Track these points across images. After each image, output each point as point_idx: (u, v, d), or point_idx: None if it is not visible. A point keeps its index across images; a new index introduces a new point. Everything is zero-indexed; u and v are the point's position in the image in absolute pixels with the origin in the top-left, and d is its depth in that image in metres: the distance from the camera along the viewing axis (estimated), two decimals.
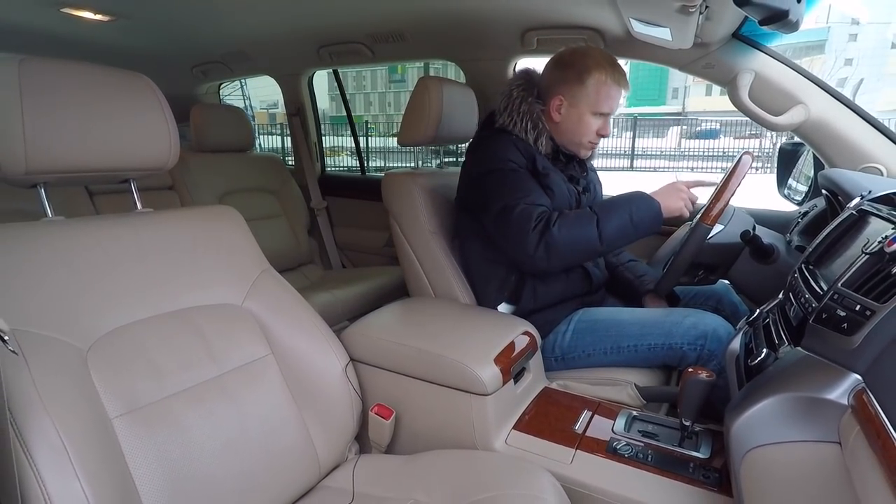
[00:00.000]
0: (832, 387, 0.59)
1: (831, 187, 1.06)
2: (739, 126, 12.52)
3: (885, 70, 24.32)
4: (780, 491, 0.65)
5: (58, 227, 0.80)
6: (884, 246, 0.61)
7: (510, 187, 1.15)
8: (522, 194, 1.13)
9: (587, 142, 1.26)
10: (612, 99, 1.21)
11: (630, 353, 1.16)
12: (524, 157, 1.20)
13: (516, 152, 1.20)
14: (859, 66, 23.81)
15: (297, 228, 2.22)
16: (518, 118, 1.23)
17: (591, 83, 1.19)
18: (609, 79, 1.19)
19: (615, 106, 1.23)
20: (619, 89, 1.22)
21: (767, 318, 0.87)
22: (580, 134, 1.24)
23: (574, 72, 1.21)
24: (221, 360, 0.86)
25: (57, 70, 0.78)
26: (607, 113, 1.23)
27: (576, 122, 1.23)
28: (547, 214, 1.11)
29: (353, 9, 1.61)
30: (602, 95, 1.20)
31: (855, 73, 22.97)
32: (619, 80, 1.21)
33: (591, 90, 1.20)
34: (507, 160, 1.18)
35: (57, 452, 0.61)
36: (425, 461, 0.92)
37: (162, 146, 0.88)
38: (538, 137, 1.23)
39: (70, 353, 0.71)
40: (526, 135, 1.23)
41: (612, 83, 1.20)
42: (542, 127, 1.24)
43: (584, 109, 1.22)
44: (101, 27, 1.81)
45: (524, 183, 1.16)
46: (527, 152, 1.22)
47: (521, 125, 1.23)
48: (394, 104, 26.89)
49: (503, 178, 1.17)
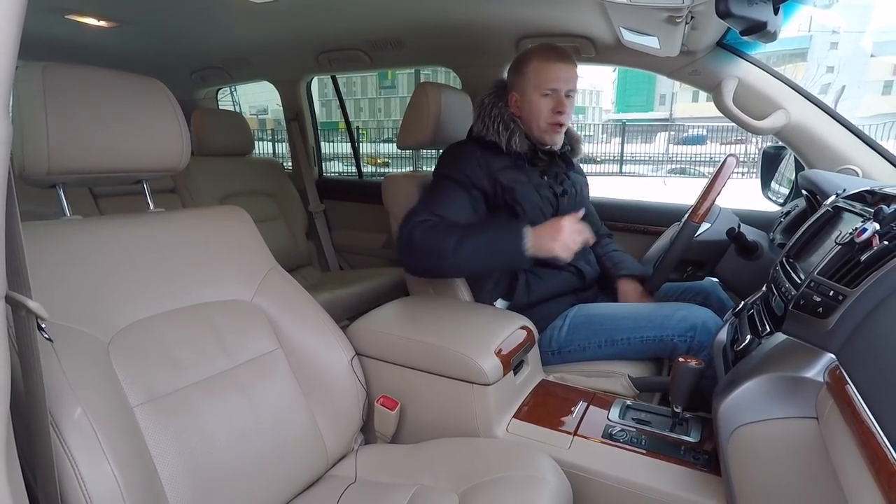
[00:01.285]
0: (809, 366, 0.65)
1: (810, 187, 1.13)
2: (726, 132, 12.74)
3: (866, 77, 24.87)
4: (764, 465, 0.71)
5: (78, 225, 0.83)
6: (854, 237, 0.67)
7: (431, 194, 1.25)
8: (433, 204, 1.21)
9: (545, 124, 1.29)
10: (552, 75, 1.26)
11: (624, 346, 1.21)
12: (484, 172, 1.26)
13: (473, 167, 1.26)
14: (840, 73, 24.33)
15: (296, 231, 2.25)
16: (490, 122, 1.30)
17: (529, 69, 1.28)
18: (544, 60, 1.26)
19: (561, 82, 1.26)
20: (557, 65, 1.26)
21: (752, 308, 0.93)
22: (535, 117, 1.29)
23: (517, 67, 1.31)
24: (234, 354, 0.89)
25: (77, 75, 0.81)
26: (554, 89, 1.27)
27: (529, 109, 1.29)
28: (429, 221, 1.17)
29: (353, 17, 1.65)
30: (542, 76, 1.26)
31: (836, 81, 23.43)
32: (556, 58, 1.26)
33: (531, 74, 1.28)
34: (449, 175, 1.26)
35: (87, 436, 0.64)
36: (430, 448, 0.96)
37: (174, 148, 0.92)
38: (511, 136, 1.28)
39: (93, 345, 0.74)
40: (499, 137, 1.28)
41: (548, 62, 1.26)
42: (515, 126, 1.30)
43: (531, 94, 1.28)
44: (104, 33, 1.84)
45: (444, 196, 1.23)
46: (489, 167, 1.26)
47: (493, 128, 1.29)
48: (384, 110, 26.97)
49: (434, 186, 1.28)
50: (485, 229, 1.16)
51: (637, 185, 10.24)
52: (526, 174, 1.31)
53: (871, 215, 0.68)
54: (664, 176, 12.23)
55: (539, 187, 1.31)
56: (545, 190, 1.32)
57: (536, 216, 1.28)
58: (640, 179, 12.09)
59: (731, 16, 0.73)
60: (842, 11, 23.73)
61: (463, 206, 1.23)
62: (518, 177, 1.29)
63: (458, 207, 1.22)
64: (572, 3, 1.29)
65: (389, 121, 23.29)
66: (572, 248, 1.10)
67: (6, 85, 0.39)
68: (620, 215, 1.84)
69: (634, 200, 1.90)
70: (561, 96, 1.27)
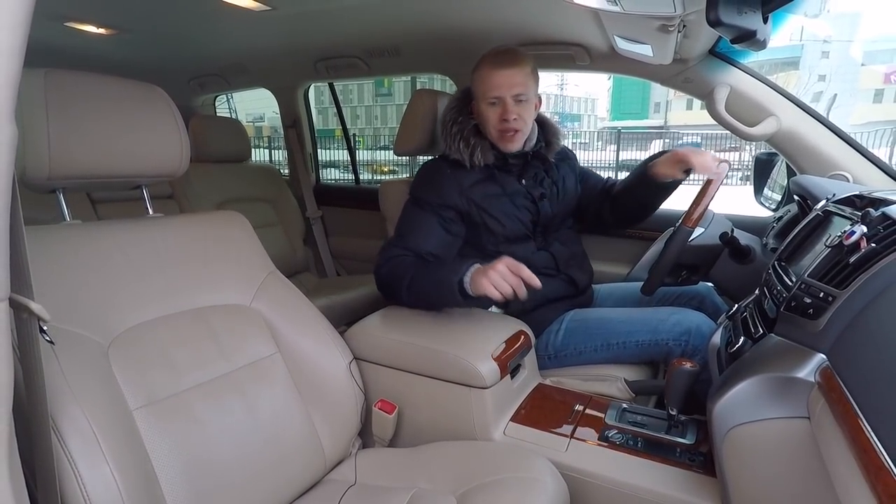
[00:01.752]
0: (801, 366, 0.66)
1: (801, 192, 1.15)
2: (720, 139, 12.84)
3: (857, 86, 25.19)
4: (758, 465, 0.72)
5: (78, 229, 0.84)
6: (842, 239, 0.68)
7: (403, 221, 1.28)
8: (404, 236, 1.23)
9: (494, 131, 1.26)
10: (494, 82, 1.22)
11: (619, 350, 1.22)
12: (457, 191, 1.25)
13: (445, 186, 1.25)
14: (832, 81, 24.65)
15: (293, 237, 2.26)
16: (451, 140, 1.29)
17: (477, 78, 1.27)
18: (488, 68, 1.24)
19: (504, 89, 1.22)
20: (498, 72, 1.22)
21: (745, 311, 0.94)
22: (485, 126, 1.28)
23: (472, 75, 1.30)
24: (232, 358, 0.90)
25: (79, 81, 0.82)
26: (498, 97, 1.23)
27: (481, 119, 1.28)
28: (396, 259, 1.19)
29: (351, 25, 1.67)
30: (485, 84, 1.24)
31: (828, 89, 23.74)
32: (498, 65, 1.22)
33: (479, 83, 1.26)
34: (420, 198, 1.27)
35: (87, 439, 0.65)
36: (428, 451, 0.97)
37: (174, 153, 0.92)
38: (473, 152, 1.26)
39: (93, 348, 0.75)
40: (461, 154, 1.27)
41: (490, 70, 1.23)
42: (476, 140, 1.27)
43: (480, 103, 1.27)
44: (102, 40, 1.85)
45: (414, 224, 1.25)
46: (461, 185, 1.25)
47: (455, 146, 1.28)
48: (381, 117, 27.08)
49: (406, 211, 1.29)
50: (432, 272, 1.13)
51: None
52: (499, 185, 1.29)
53: (858, 218, 0.70)
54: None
55: (514, 196, 1.29)
56: (521, 198, 1.30)
57: (516, 227, 1.28)
58: None
59: (721, 24, 0.75)
60: (831, 21, 24.10)
61: (433, 232, 1.23)
62: (490, 190, 1.27)
63: (429, 233, 1.23)
64: (567, 12, 1.31)
65: (386, 128, 23.39)
66: (503, 287, 1.01)
67: (12, 88, 0.40)
68: None
69: None
70: (507, 104, 1.23)
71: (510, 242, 1.29)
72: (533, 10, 1.37)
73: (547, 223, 1.34)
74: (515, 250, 1.28)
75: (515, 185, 1.31)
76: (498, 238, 1.28)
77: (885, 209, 0.71)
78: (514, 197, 1.30)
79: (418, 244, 1.22)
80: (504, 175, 1.31)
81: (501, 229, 1.27)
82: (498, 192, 1.29)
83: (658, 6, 0.94)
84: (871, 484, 0.45)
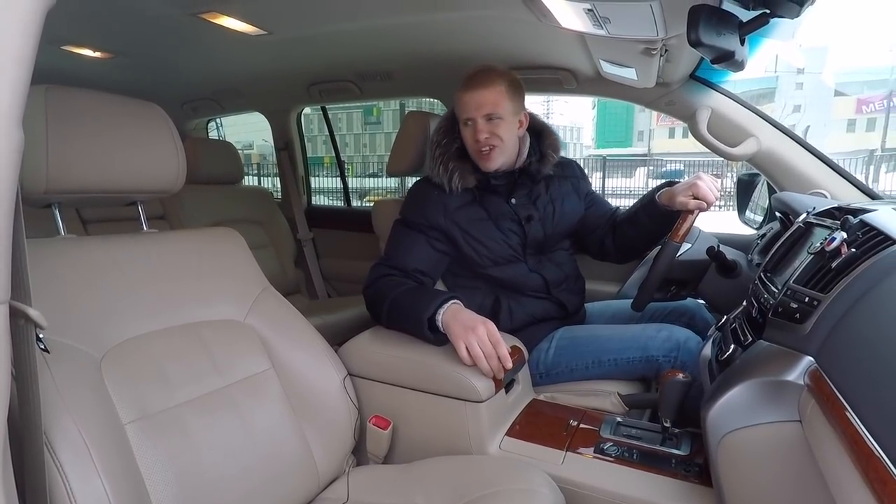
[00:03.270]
0: (790, 369, 0.67)
1: (783, 207, 1.19)
2: (702, 167, 13.16)
3: (831, 116, 26.16)
4: (753, 470, 0.72)
5: (74, 243, 0.84)
6: (824, 246, 0.71)
7: (391, 241, 1.29)
8: (392, 255, 1.24)
9: (471, 151, 1.28)
10: (464, 103, 1.25)
11: (610, 367, 1.22)
12: (442, 213, 1.25)
13: (431, 208, 1.26)
14: (806, 112, 25.55)
15: (284, 259, 2.26)
16: (434, 164, 1.29)
17: (456, 101, 1.29)
18: (462, 90, 1.26)
19: (473, 110, 1.23)
20: (468, 94, 1.24)
21: (734, 322, 0.96)
22: (467, 145, 1.29)
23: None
24: (226, 373, 0.89)
25: (79, 98, 0.84)
26: (470, 118, 1.24)
27: (463, 140, 1.30)
28: (382, 279, 1.19)
29: (344, 49, 1.72)
30: (460, 106, 1.27)
31: (802, 120, 24.61)
32: (468, 87, 1.24)
33: (457, 106, 1.29)
34: (407, 218, 1.29)
35: (79, 451, 0.64)
36: (423, 467, 0.96)
37: (171, 170, 0.94)
38: (451, 177, 1.26)
39: (86, 361, 0.74)
40: (440, 179, 1.27)
41: (463, 92, 1.25)
42: (455, 164, 1.27)
43: (460, 125, 1.29)
44: (97, 63, 1.88)
45: (401, 243, 1.26)
46: (447, 208, 1.26)
47: (436, 170, 1.28)
48: (369, 145, 27.37)
49: (395, 230, 1.31)
50: (409, 299, 1.11)
51: None
52: (483, 208, 1.28)
53: (838, 226, 0.73)
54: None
55: (499, 219, 1.28)
56: (506, 221, 1.28)
57: (502, 251, 1.27)
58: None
59: (702, 45, 0.79)
60: (802, 53, 25.15)
61: (420, 249, 1.24)
62: (473, 214, 1.27)
63: (416, 250, 1.24)
64: (555, 37, 1.36)
65: (375, 155, 23.64)
66: (477, 355, 0.98)
67: (21, 95, 0.42)
68: None
69: None
70: (477, 124, 1.23)
71: (497, 265, 1.29)
72: (521, 35, 1.43)
73: (539, 245, 1.33)
74: (505, 272, 1.29)
75: (502, 207, 1.30)
76: (484, 261, 1.28)
77: (863, 216, 0.74)
78: (498, 220, 1.28)
79: (405, 262, 1.22)
80: (490, 196, 1.30)
81: (487, 253, 1.27)
82: (482, 216, 1.28)
83: (641, 30, 0.99)
84: (864, 474, 0.46)
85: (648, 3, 0.83)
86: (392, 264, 1.22)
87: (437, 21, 1.39)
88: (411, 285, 1.18)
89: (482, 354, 0.98)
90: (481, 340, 0.99)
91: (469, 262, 1.29)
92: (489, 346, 0.99)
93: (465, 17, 1.35)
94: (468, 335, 0.99)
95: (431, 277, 1.27)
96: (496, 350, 0.99)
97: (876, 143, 20.38)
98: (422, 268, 1.23)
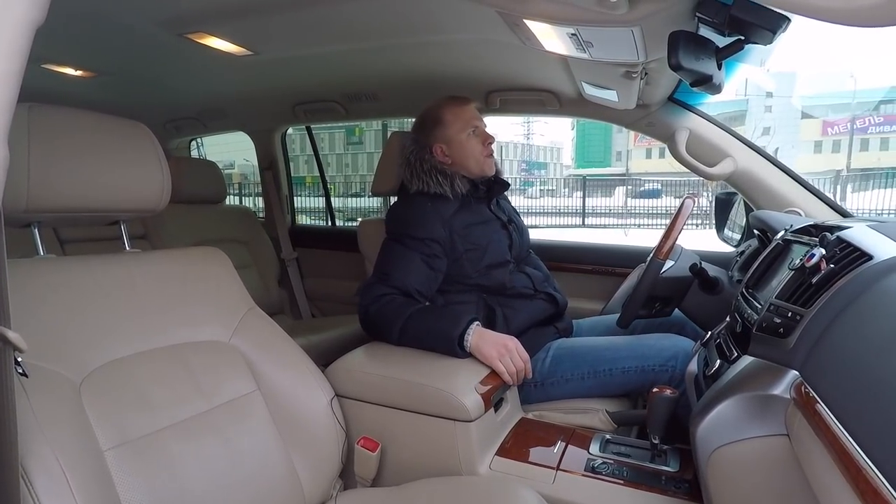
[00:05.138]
0: (776, 383, 0.68)
1: (761, 225, 1.22)
2: (679, 186, 13.52)
3: (798, 137, 27.19)
4: (742, 485, 0.73)
5: (52, 264, 0.82)
6: (804, 262, 0.73)
7: (385, 259, 1.29)
8: (388, 274, 1.25)
9: (480, 157, 1.38)
10: (469, 115, 1.39)
11: (606, 378, 1.23)
12: (440, 222, 1.29)
13: (429, 219, 1.29)
14: (776, 134, 26.52)
15: (268, 279, 2.23)
16: (426, 177, 1.35)
17: (447, 118, 1.38)
18: (456, 106, 1.39)
19: (477, 119, 1.39)
20: (468, 108, 1.40)
21: (718, 338, 0.98)
22: (470, 155, 1.38)
23: (434, 121, 1.40)
24: (210, 396, 0.87)
25: (62, 116, 0.83)
26: (476, 126, 1.38)
27: (461, 152, 1.38)
28: (384, 298, 1.20)
29: (330, 70, 1.74)
30: (462, 118, 1.38)
31: (772, 141, 25.54)
32: (464, 102, 1.41)
33: (451, 121, 1.38)
34: (404, 233, 1.29)
35: (56, 479, 0.61)
36: (413, 490, 0.94)
37: (155, 189, 0.93)
38: (452, 182, 1.34)
39: (65, 385, 0.72)
40: (441, 188, 1.33)
41: (461, 107, 1.39)
42: (451, 172, 1.36)
43: (458, 137, 1.37)
44: (79, 83, 1.86)
45: (397, 261, 1.27)
46: (443, 216, 1.30)
47: (434, 180, 1.34)
48: (352, 165, 27.41)
49: (387, 248, 1.32)
50: (429, 319, 1.17)
51: (600, 236, 10.60)
52: (474, 213, 1.36)
53: (817, 242, 0.75)
54: (625, 227, 12.74)
55: (489, 222, 1.37)
56: (495, 224, 1.38)
57: (499, 252, 1.33)
58: (602, 230, 12.53)
59: (682, 69, 0.82)
60: (772, 77, 26.25)
61: (416, 268, 1.26)
62: (468, 219, 1.34)
63: (412, 269, 1.25)
64: (538, 60, 1.40)
65: (357, 175, 23.68)
66: (513, 369, 1.12)
67: (8, 113, 0.41)
68: (589, 258, 1.92)
69: (602, 244, 1.99)
70: (484, 131, 1.40)
71: (491, 268, 1.32)
72: (506, 58, 1.46)
73: (518, 248, 1.41)
74: (496, 275, 1.32)
75: (487, 213, 1.39)
76: (480, 265, 1.31)
77: (840, 233, 0.77)
78: (489, 223, 1.37)
79: (404, 281, 1.23)
80: (476, 203, 1.39)
81: (483, 257, 1.31)
82: (476, 220, 1.35)
83: (623, 54, 1.02)
84: (854, 486, 0.47)
85: (630, 28, 0.86)
86: (391, 283, 1.23)
87: (423, 43, 1.42)
88: (422, 305, 1.23)
89: (515, 369, 1.13)
90: (513, 357, 1.13)
91: (461, 273, 1.31)
92: (519, 361, 1.14)
93: (450, 40, 1.38)
94: (503, 355, 1.12)
95: (426, 297, 1.28)
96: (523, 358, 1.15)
97: (842, 164, 21.22)
98: (419, 287, 1.25)
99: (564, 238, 2.18)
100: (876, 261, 0.65)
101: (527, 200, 16.52)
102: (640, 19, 0.84)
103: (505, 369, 1.11)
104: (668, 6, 0.80)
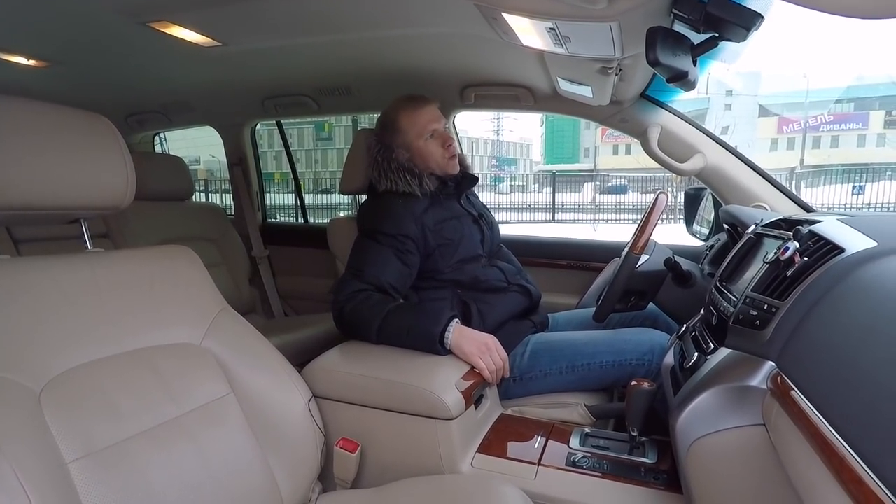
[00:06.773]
0: (753, 375, 0.70)
1: (731, 220, 1.26)
2: (645, 182, 13.86)
3: (756, 135, 28.25)
4: (721, 476, 0.74)
5: (8, 265, 0.77)
6: (779, 255, 0.75)
7: (359, 256, 1.27)
8: (362, 271, 1.23)
9: (441, 160, 1.36)
10: (425, 118, 1.35)
11: (584, 372, 1.24)
12: (411, 218, 1.28)
13: (402, 219, 1.27)
14: (735, 132, 27.49)
15: (239, 277, 2.16)
16: (394, 176, 1.34)
17: (402, 124, 1.36)
18: (411, 110, 1.36)
19: (435, 122, 1.36)
20: (424, 110, 1.36)
21: (694, 330, 1.00)
22: (430, 159, 1.36)
23: (390, 127, 1.39)
24: (181, 401, 0.83)
25: (16, 108, 0.78)
26: (434, 129, 1.35)
27: (421, 156, 1.36)
28: (360, 295, 1.18)
29: (301, 64, 1.69)
30: (418, 123, 1.35)
31: (731, 139, 26.49)
32: (421, 105, 1.37)
33: (407, 127, 1.36)
34: (377, 230, 1.27)
35: (14, 495, 0.57)
36: (394, 490, 0.92)
37: (118, 185, 0.88)
38: (421, 180, 1.33)
39: (23, 394, 0.67)
40: (410, 187, 1.32)
41: (415, 111, 1.36)
42: (418, 171, 1.34)
43: (416, 143, 1.36)
44: (31, 73, 1.75)
45: (372, 257, 1.25)
46: (414, 213, 1.29)
47: (401, 178, 1.33)
48: (321, 161, 26.99)
49: (360, 245, 1.30)
50: (408, 317, 1.16)
51: (570, 231, 10.75)
52: (445, 209, 1.35)
53: (791, 236, 0.77)
54: (594, 223, 12.97)
55: (461, 217, 1.37)
56: (466, 219, 1.38)
57: (471, 246, 1.33)
58: (572, 225, 12.73)
59: (659, 64, 0.83)
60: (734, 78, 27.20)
61: (390, 263, 1.24)
62: (439, 215, 1.33)
63: (386, 265, 1.24)
64: (514, 55, 1.39)
65: (327, 171, 23.33)
66: (493, 367, 1.12)
67: None
68: (563, 252, 1.93)
69: (575, 239, 2.01)
70: (443, 132, 1.37)
71: (463, 263, 1.32)
72: (482, 52, 1.45)
73: (489, 242, 1.42)
74: (469, 270, 1.32)
75: (458, 208, 1.39)
76: (452, 260, 1.31)
77: (812, 227, 0.79)
78: (461, 218, 1.37)
79: (378, 277, 1.21)
80: (446, 199, 1.38)
81: (455, 252, 1.30)
82: (447, 215, 1.35)
83: (600, 50, 1.03)
84: (837, 475, 0.48)
85: (608, 23, 0.87)
86: (364, 279, 1.21)
87: (398, 37, 1.40)
88: (400, 302, 1.21)
89: (495, 367, 1.13)
90: (493, 355, 1.13)
91: (434, 268, 1.31)
92: (499, 360, 1.14)
93: (427, 34, 1.36)
94: (483, 353, 1.12)
95: (401, 294, 1.26)
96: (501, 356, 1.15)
97: (795, 161, 22.17)
98: (394, 283, 1.23)
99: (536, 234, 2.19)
100: (848, 253, 0.67)
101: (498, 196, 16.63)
102: (619, 15, 0.84)
103: (485, 366, 1.11)
104: (647, 2, 0.81)
